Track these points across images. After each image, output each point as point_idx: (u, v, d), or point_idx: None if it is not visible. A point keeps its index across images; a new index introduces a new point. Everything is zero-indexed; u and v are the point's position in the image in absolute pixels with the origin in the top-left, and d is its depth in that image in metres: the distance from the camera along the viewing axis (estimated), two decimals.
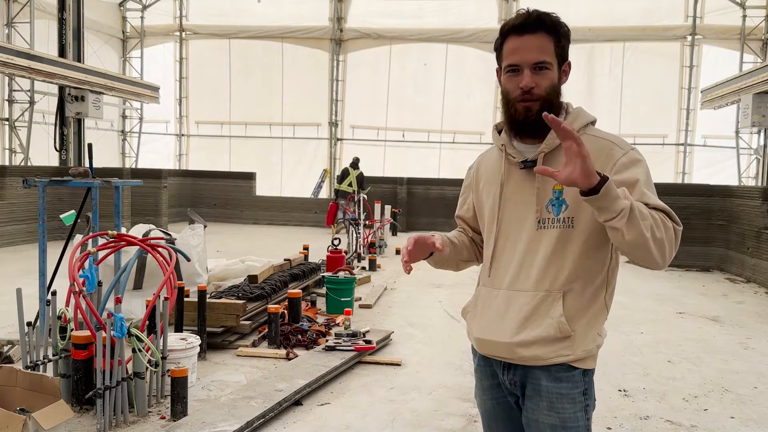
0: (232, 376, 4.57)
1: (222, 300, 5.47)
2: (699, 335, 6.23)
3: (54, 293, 3.89)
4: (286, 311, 5.80)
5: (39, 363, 3.77)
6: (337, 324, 5.82)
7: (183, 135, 19.85)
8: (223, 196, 17.07)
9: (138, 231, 6.05)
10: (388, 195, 15.45)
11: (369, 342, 5.07)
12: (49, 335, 3.86)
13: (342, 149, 18.63)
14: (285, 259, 7.47)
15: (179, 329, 4.86)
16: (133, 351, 3.68)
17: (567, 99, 1.84)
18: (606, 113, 16.10)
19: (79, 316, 3.79)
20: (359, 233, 10.58)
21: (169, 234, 6.35)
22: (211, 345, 5.11)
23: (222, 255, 9.51)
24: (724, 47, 16.85)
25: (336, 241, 8.64)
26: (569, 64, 1.80)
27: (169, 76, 19.44)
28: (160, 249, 4.35)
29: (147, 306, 4.00)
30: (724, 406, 4.32)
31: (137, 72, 19.35)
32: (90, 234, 4.52)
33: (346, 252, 9.06)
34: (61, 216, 5.13)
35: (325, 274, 7.02)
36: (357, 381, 4.57)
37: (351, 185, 14.34)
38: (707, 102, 15.04)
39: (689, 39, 16.92)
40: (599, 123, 1.87)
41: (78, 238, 4.78)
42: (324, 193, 18.33)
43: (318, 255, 9.04)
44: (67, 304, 3.91)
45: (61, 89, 13.24)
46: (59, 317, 3.85)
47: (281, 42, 18.67)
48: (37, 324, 4.12)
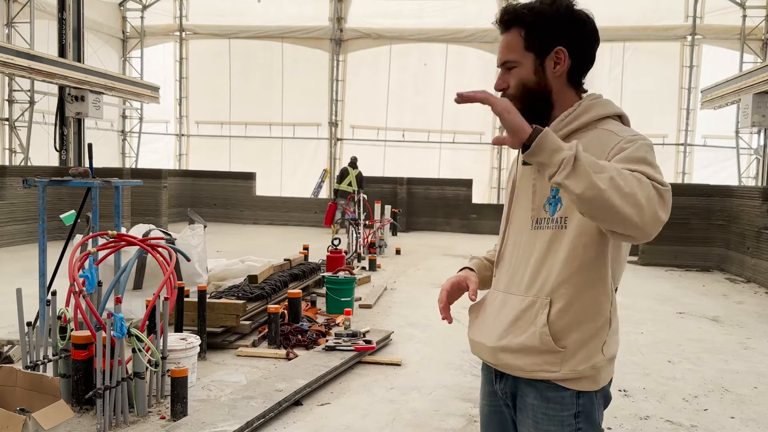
0: (232, 376, 4.56)
1: (222, 300, 5.47)
2: (699, 335, 6.23)
3: (54, 293, 3.89)
4: (286, 311, 5.79)
5: (39, 363, 3.77)
6: (337, 324, 5.82)
7: (183, 135, 19.86)
8: (223, 196, 17.06)
9: (138, 231, 6.04)
10: (388, 195, 15.45)
11: (369, 342, 5.07)
12: (49, 335, 3.86)
13: (342, 149, 18.63)
14: (285, 259, 7.47)
15: (179, 329, 4.86)
16: (133, 351, 3.68)
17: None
18: None
19: (79, 316, 3.79)
20: (359, 233, 10.58)
21: (169, 234, 6.36)
22: (211, 345, 5.11)
23: (222, 255, 9.50)
24: (724, 47, 16.86)
25: (336, 241, 8.63)
26: (561, 50, 1.61)
27: (169, 76, 19.44)
28: (160, 249, 4.34)
29: (147, 306, 4.00)
30: (724, 406, 4.32)
31: (137, 72, 19.36)
32: (90, 234, 4.52)
33: (346, 252, 9.06)
34: (61, 216, 5.12)
35: (325, 274, 7.02)
36: (357, 381, 4.57)
37: (351, 185, 14.33)
38: (707, 102, 15.04)
39: (689, 39, 16.93)
40: None
41: (78, 238, 4.78)
42: (324, 193, 18.32)
43: (318, 255, 9.03)
44: (67, 304, 3.91)
45: (61, 89, 13.25)
46: (59, 317, 3.85)
47: (281, 42, 18.68)
48: (37, 324, 4.12)
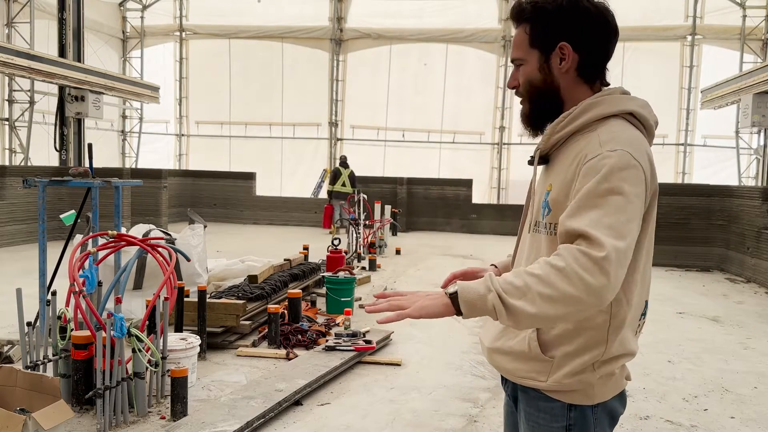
0: (232, 376, 4.57)
1: (222, 300, 5.47)
2: (699, 335, 6.23)
3: (54, 293, 3.89)
4: (286, 311, 5.79)
5: (39, 363, 3.77)
6: (337, 324, 5.82)
7: (183, 135, 19.85)
8: (223, 196, 17.05)
9: (138, 231, 6.04)
10: (388, 195, 15.44)
11: (369, 342, 5.07)
12: (49, 335, 3.86)
13: (342, 149, 18.61)
14: (285, 259, 7.46)
15: (179, 329, 4.86)
16: (133, 351, 3.68)
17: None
18: None
19: (79, 316, 3.79)
20: (359, 233, 10.57)
21: (169, 234, 6.36)
22: (211, 345, 5.11)
23: (222, 255, 9.50)
24: (724, 47, 16.86)
25: (336, 241, 8.63)
26: (565, 45, 1.55)
27: (169, 76, 19.43)
28: (160, 249, 4.34)
29: (147, 306, 4.00)
30: (724, 406, 4.32)
31: (137, 72, 19.35)
32: (90, 234, 4.52)
33: (346, 252, 9.06)
34: (61, 216, 5.12)
35: (325, 274, 7.02)
36: (357, 381, 4.57)
37: (345, 185, 14.39)
38: (707, 102, 15.03)
39: (689, 39, 16.93)
40: None
41: (78, 238, 4.78)
42: (324, 193, 18.31)
43: (318, 255, 9.03)
44: (67, 304, 3.91)
45: (61, 89, 13.24)
46: (59, 317, 3.85)
47: (281, 42, 18.67)
48: (37, 324, 4.12)
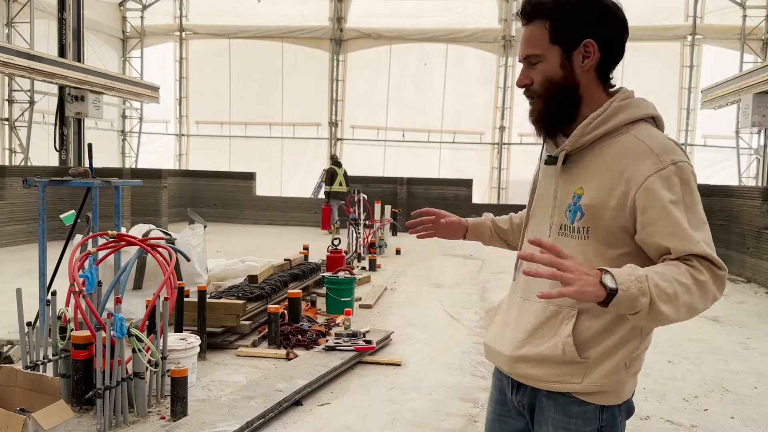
0: (232, 376, 4.56)
1: (222, 300, 5.47)
2: (699, 335, 6.22)
3: (54, 293, 3.89)
4: (286, 311, 5.79)
5: (39, 363, 3.77)
6: (337, 324, 5.82)
7: (183, 135, 19.85)
8: (223, 196, 17.06)
9: (138, 231, 6.05)
10: (388, 195, 15.44)
11: (369, 342, 5.07)
12: (49, 335, 3.86)
13: (342, 149, 18.63)
14: (285, 259, 7.46)
15: (179, 329, 4.86)
16: (133, 351, 3.68)
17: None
18: None
19: (79, 316, 3.79)
20: (359, 233, 10.57)
21: (169, 234, 6.36)
22: (211, 345, 5.11)
23: (222, 255, 9.50)
24: (724, 47, 16.86)
25: (336, 241, 8.63)
26: (590, 42, 1.51)
27: (169, 76, 19.44)
28: (160, 249, 4.34)
29: (147, 306, 4.00)
30: (724, 406, 4.32)
31: (137, 72, 19.35)
32: (90, 234, 4.52)
33: (346, 252, 9.06)
34: (61, 216, 5.12)
35: (325, 274, 7.02)
36: (357, 381, 4.57)
37: (341, 185, 14.40)
38: (707, 102, 15.03)
39: (689, 39, 16.93)
40: None
41: (78, 238, 4.78)
42: (324, 194, 18.34)
43: (318, 255, 9.04)
44: (67, 304, 3.91)
45: (61, 89, 13.24)
46: (59, 317, 3.85)
47: (281, 42, 18.67)
48: (37, 324, 4.12)
